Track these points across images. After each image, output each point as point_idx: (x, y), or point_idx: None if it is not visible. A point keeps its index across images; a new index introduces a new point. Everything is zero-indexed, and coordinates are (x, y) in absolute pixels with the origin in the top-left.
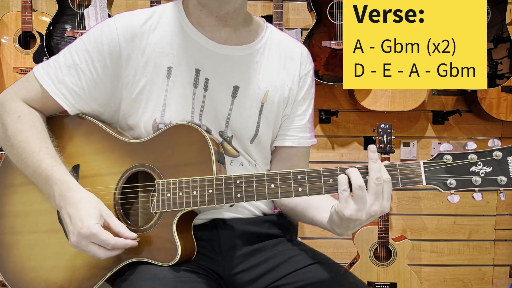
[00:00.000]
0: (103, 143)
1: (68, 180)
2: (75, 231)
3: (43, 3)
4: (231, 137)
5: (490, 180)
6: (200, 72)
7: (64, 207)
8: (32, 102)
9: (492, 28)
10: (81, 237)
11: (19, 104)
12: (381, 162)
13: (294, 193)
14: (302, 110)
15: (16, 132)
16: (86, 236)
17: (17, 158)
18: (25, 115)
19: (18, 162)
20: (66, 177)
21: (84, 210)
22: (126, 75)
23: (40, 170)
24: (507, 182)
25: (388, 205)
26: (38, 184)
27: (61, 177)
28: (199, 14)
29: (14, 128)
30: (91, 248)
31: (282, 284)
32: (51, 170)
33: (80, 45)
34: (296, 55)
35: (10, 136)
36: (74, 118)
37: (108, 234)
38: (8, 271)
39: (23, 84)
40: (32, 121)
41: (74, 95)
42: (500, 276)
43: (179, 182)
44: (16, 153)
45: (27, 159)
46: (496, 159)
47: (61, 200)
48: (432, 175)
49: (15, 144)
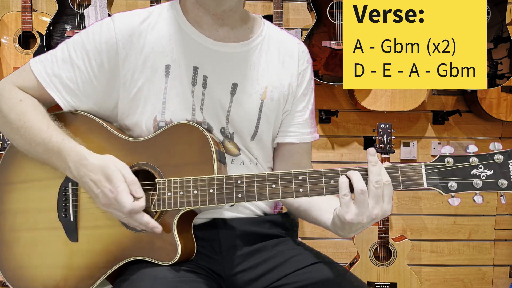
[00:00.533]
0: (104, 141)
1: (80, 149)
2: (105, 191)
3: (43, 3)
4: (233, 134)
5: (491, 183)
6: (199, 70)
7: (85, 174)
8: (29, 92)
9: (492, 28)
10: (111, 197)
11: (18, 90)
12: (382, 162)
13: (295, 193)
14: (303, 106)
15: (20, 113)
16: (114, 196)
17: (25, 139)
18: (26, 99)
19: (27, 143)
20: (78, 147)
21: (105, 172)
22: (124, 74)
23: (51, 144)
24: (508, 185)
25: (389, 208)
26: (51, 159)
27: (73, 148)
28: (196, 13)
29: (17, 110)
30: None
31: (282, 284)
32: (62, 143)
33: (78, 42)
34: (294, 51)
35: (14, 119)
36: (75, 116)
37: (127, 198)
38: (7, 269)
39: (20, 74)
40: (34, 104)
41: (68, 90)
42: (500, 276)
43: (179, 181)
44: (24, 133)
45: (37, 136)
46: (497, 162)
47: (79, 170)
48: (433, 178)
49: (22, 125)
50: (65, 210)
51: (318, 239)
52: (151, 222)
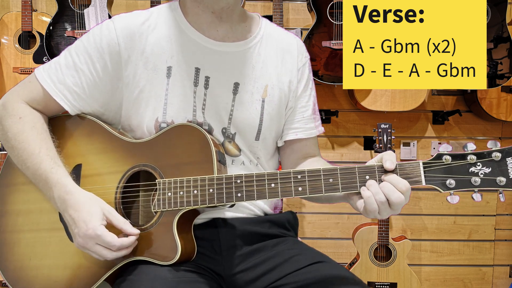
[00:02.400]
0: (105, 142)
1: (66, 182)
2: (80, 233)
3: (43, 3)
4: (234, 134)
5: (489, 181)
6: (200, 70)
7: (65, 210)
8: (34, 103)
9: (492, 28)
10: (87, 239)
11: (21, 106)
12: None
13: (294, 192)
14: (305, 101)
15: (17, 133)
16: (92, 237)
17: (17, 160)
18: (26, 116)
19: (19, 163)
20: (64, 179)
21: (86, 211)
22: (127, 75)
23: (40, 172)
24: (506, 182)
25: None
26: (38, 185)
27: (60, 180)
28: (196, 11)
29: (14, 129)
30: (97, 249)
31: (282, 284)
32: (50, 172)
33: (80, 47)
34: (293, 47)
35: (10, 138)
36: (77, 118)
37: (112, 237)
38: (8, 270)
39: (26, 85)
40: (32, 122)
41: (75, 95)
42: (500, 276)
43: (180, 181)
44: (17, 154)
45: (27, 160)
46: (495, 160)
47: (62, 203)
48: (431, 175)
49: (16, 146)
50: None
51: (318, 239)
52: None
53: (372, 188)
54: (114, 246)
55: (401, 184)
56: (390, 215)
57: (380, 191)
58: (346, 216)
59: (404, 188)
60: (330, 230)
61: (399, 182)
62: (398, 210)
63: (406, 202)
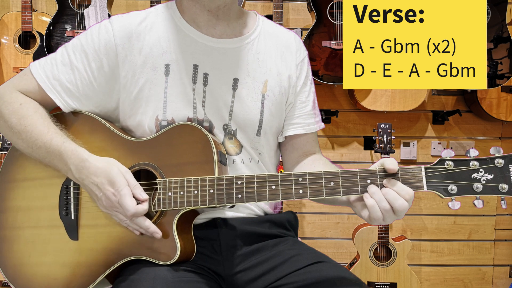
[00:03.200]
0: (106, 141)
1: (81, 151)
2: (108, 194)
3: (43, 3)
4: (236, 130)
5: (491, 188)
6: (199, 67)
7: (86, 177)
8: (30, 95)
9: (492, 28)
10: (114, 200)
11: (19, 94)
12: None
13: (295, 195)
14: (305, 96)
15: (21, 117)
16: (116, 198)
17: (27, 143)
18: (26, 103)
19: (29, 146)
20: (79, 149)
21: (107, 175)
22: (124, 75)
23: (52, 148)
24: (508, 189)
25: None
26: (53, 162)
27: (74, 150)
28: (193, 10)
29: (18, 114)
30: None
31: (282, 284)
32: (63, 146)
33: (77, 45)
34: (291, 43)
35: (15, 124)
36: (78, 116)
37: (131, 202)
38: (8, 266)
39: (21, 78)
40: (34, 108)
41: (68, 92)
42: (500, 276)
43: (180, 181)
44: (25, 137)
45: (38, 140)
46: (498, 166)
47: (80, 172)
48: (433, 181)
49: (22, 129)
50: (66, 208)
51: (318, 239)
52: (151, 227)
53: (376, 196)
54: (128, 211)
55: (404, 192)
56: (394, 220)
57: (384, 199)
58: (346, 216)
59: (407, 196)
60: (330, 230)
61: (403, 189)
62: (402, 215)
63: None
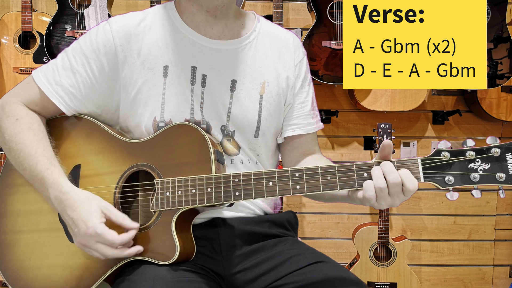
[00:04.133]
0: (104, 143)
1: (62, 182)
2: (81, 232)
3: (43, 3)
4: (234, 132)
5: (488, 177)
6: (197, 69)
7: (63, 210)
8: (32, 104)
9: (492, 28)
10: (88, 237)
11: (18, 107)
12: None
13: (292, 190)
14: (303, 97)
15: (13, 134)
16: (92, 236)
17: (15, 161)
18: (22, 118)
19: (16, 165)
20: (60, 179)
21: (84, 211)
22: (124, 76)
23: (36, 173)
24: (506, 178)
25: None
26: (35, 186)
27: (56, 180)
28: (191, 10)
29: (11, 130)
30: (98, 247)
31: (281, 284)
32: (46, 173)
33: (76, 48)
34: (289, 44)
35: (7, 139)
36: (75, 119)
37: (113, 234)
38: (8, 270)
39: (23, 86)
40: (29, 123)
41: (71, 96)
42: (500, 276)
43: (178, 180)
44: (14, 155)
45: (24, 162)
46: (495, 155)
47: (59, 204)
48: (430, 172)
49: (13, 147)
50: None
51: (318, 239)
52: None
53: (375, 172)
54: (115, 244)
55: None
56: (389, 205)
57: (381, 175)
58: (346, 216)
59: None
60: (330, 230)
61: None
62: (396, 200)
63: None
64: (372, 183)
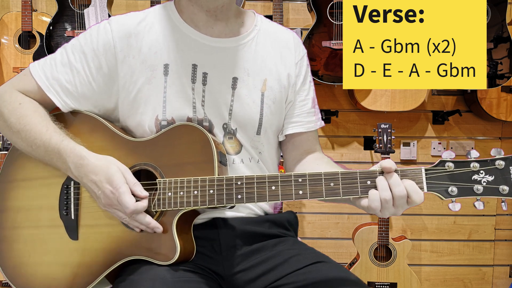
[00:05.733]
0: (106, 141)
1: (79, 149)
2: (106, 193)
3: (43, 3)
4: (236, 130)
5: (492, 189)
6: (198, 67)
7: (85, 175)
8: (30, 95)
9: (492, 28)
10: (112, 197)
11: (18, 94)
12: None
13: (295, 196)
14: (304, 95)
15: (20, 117)
16: (115, 196)
17: (26, 142)
18: (25, 102)
19: (28, 145)
20: (77, 147)
21: (106, 172)
22: (123, 76)
23: (51, 147)
24: (509, 191)
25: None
26: (52, 161)
27: (73, 149)
28: (191, 10)
29: (17, 113)
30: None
31: (281, 284)
32: (62, 144)
33: (76, 45)
34: (290, 42)
35: (14, 123)
36: (79, 116)
37: (129, 199)
38: (8, 266)
39: (21, 78)
40: (34, 107)
41: (67, 92)
42: (500, 276)
43: (180, 181)
44: (24, 136)
45: (37, 139)
46: (499, 168)
47: (79, 170)
48: (433, 182)
49: (21, 129)
50: (66, 208)
51: (318, 239)
52: (152, 222)
53: (381, 183)
54: (128, 208)
55: (408, 183)
56: (391, 214)
57: (387, 187)
58: (346, 216)
59: (409, 187)
60: (330, 230)
61: (406, 181)
62: (399, 209)
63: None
64: (377, 193)
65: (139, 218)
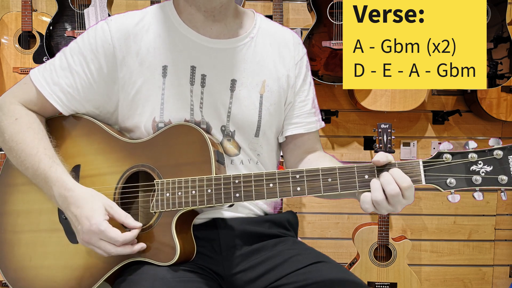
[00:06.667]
0: (104, 143)
1: (66, 179)
2: (84, 229)
3: (43, 3)
4: (234, 132)
5: (490, 179)
6: (196, 68)
7: (67, 207)
8: (30, 104)
9: (492, 28)
10: (91, 234)
11: (17, 107)
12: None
13: (293, 192)
14: (304, 95)
15: (13, 134)
16: (96, 233)
17: (16, 161)
18: (22, 117)
19: (18, 165)
20: (64, 176)
21: (88, 207)
22: (122, 76)
23: (39, 171)
24: (508, 181)
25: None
26: (39, 185)
27: (59, 178)
28: (189, 11)
29: (11, 130)
30: (102, 245)
31: (281, 284)
32: (49, 171)
33: (74, 48)
34: (289, 42)
35: (7, 139)
36: (75, 119)
37: (116, 232)
38: (8, 270)
39: (21, 86)
40: (29, 123)
41: (69, 96)
42: (500, 276)
43: (178, 181)
44: (15, 155)
45: (26, 161)
46: (497, 158)
47: (63, 201)
48: (431, 174)
49: (13, 147)
50: None
51: (318, 239)
52: (140, 245)
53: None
54: (118, 241)
55: (402, 179)
56: (389, 211)
57: (379, 188)
58: (346, 216)
59: (404, 184)
60: (330, 230)
61: (400, 176)
62: (397, 207)
63: (408, 202)
64: (369, 195)
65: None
